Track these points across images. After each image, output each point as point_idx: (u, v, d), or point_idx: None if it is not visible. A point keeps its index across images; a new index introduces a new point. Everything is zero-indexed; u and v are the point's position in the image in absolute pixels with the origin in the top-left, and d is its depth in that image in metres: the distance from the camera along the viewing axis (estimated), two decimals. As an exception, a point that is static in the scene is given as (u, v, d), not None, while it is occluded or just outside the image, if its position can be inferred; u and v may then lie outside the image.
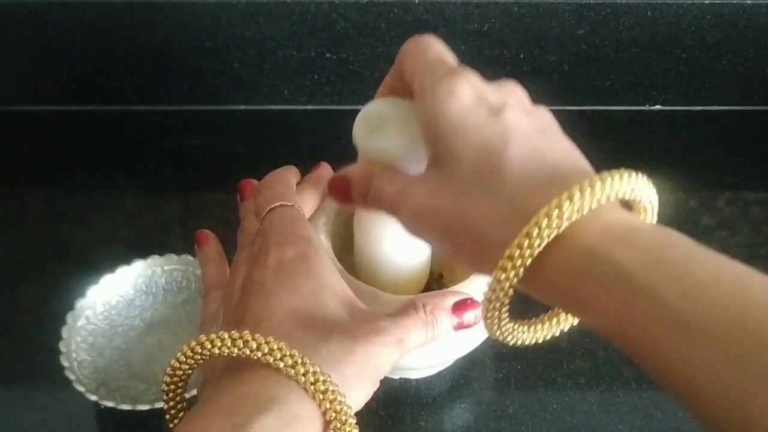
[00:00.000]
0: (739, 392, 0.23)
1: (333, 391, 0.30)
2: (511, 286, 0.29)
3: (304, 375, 0.30)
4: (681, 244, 0.27)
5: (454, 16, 0.68)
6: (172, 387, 0.34)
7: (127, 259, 0.56)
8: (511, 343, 0.33)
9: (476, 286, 0.44)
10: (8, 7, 0.67)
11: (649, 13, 0.69)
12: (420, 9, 0.68)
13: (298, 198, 0.41)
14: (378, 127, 0.37)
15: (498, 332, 0.32)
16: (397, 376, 0.54)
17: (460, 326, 0.36)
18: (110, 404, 0.48)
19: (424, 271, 0.49)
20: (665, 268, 0.25)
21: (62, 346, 0.51)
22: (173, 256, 0.57)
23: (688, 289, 0.25)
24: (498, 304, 0.30)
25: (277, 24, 0.69)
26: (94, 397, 0.48)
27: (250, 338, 0.31)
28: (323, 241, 0.46)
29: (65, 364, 0.50)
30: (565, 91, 0.74)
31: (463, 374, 0.55)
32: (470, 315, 0.36)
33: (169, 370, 0.33)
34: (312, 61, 0.71)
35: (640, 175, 0.29)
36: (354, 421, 0.31)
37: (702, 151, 0.73)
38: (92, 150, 0.72)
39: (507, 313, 0.31)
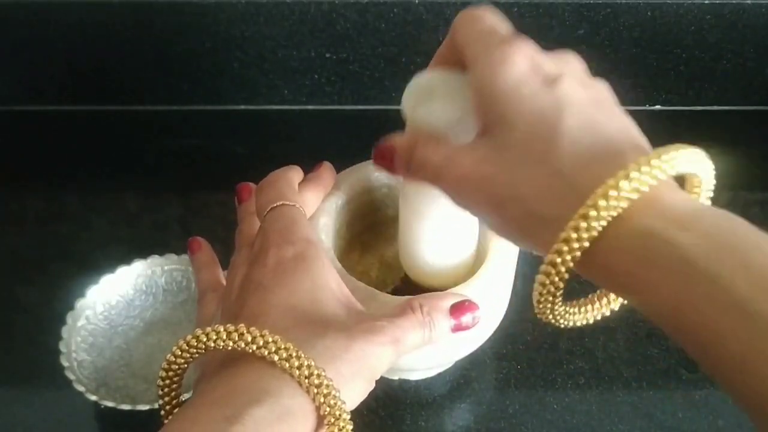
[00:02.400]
0: None
1: (327, 386, 0.30)
2: (567, 270, 0.28)
3: (299, 368, 0.30)
4: (746, 231, 0.26)
5: (454, 16, 0.68)
6: (168, 382, 0.34)
7: (127, 259, 0.56)
8: (562, 326, 0.32)
9: (475, 288, 0.44)
10: (8, 7, 0.67)
11: (649, 13, 0.69)
12: (420, 9, 0.68)
13: (300, 197, 0.41)
14: (426, 97, 0.36)
15: (551, 316, 0.31)
16: (396, 377, 0.54)
17: (457, 328, 0.36)
18: (110, 404, 0.48)
19: (469, 262, 0.47)
20: (731, 255, 0.24)
21: (62, 346, 0.51)
22: (173, 256, 0.57)
23: (757, 278, 0.24)
24: (552, 289, 0.29)
25: (277, 24, 0.69)
26: (94, 397, 0.48)
27: (245, 331, 0.31)
28: (324, 240, 0.46)
29: (65, 364, 0.50)
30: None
31: (463, 374, 0.55)
32: (468, 317, 0.36)
33: (164, 365, 0.33)
34: (312, 61, 0.71)
35: (696, 148, 0.28)
36: (348, 416, 0.31)
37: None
38: (92, 150, 0.72)
39: (560, 298, 0.30)
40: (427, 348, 0.41)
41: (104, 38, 0.70)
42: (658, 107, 0.76)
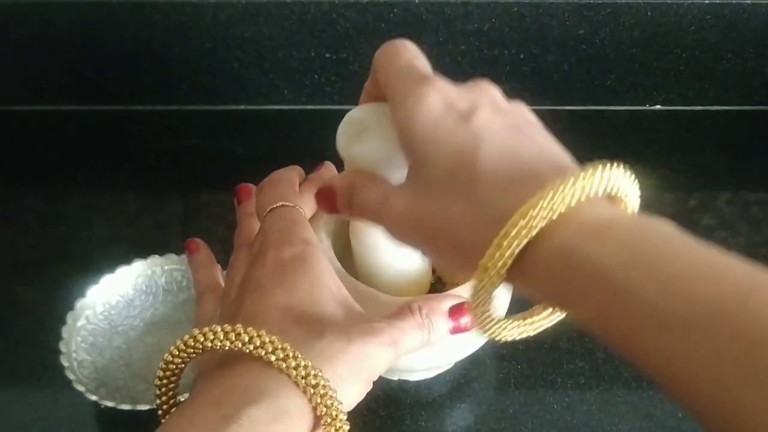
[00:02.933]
0: (719, 386, 0.22)
1: (324, 386, 0.30)
2: (493, 288, 0.29)
3: (295, 369, 0.30)
4: (657, 236, 0.26)
5: (454, 16, 0.68)
6: (165, 381, 0.34)
7: (127, 259, 0.56)
8: (503, 340, 0.33)
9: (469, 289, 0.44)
10: (8, 7, 0.67)
11: (649, 13, 0.69)
12: (420, 9, 0.68)
13: (300, 198, 0.41)
14: (359, 133, 0.37)
15: (490, 331, 0.32)
16: (395, 377, 0.54)
17: (456, 330, 0.36)
18: (110, 404, 0.48)
19: (424, 275, 0.48)
20: (640, 264, 0.25)
21: (62, 346, 0.51)
22: (173, 256, 0.57)
23: (664, 283, 0.24)
24: (483, 306, 0.30)
25: (277, 24, 0.69)
26: (94, 397, 0.48)
27: (242, 331, 0.31)
28: (323, 241, 0.46)
29: (65, 364, 0.50)
30: (566, 91, 0.74)
31: (464, 374, 0.55)
32: (466, 319, 0.36)
33: (162, 364, 0.33)
34: (312, 61, 0.71)
35: (615, 167, 0.28)
36: (345, 417, 0.31)
37: (702, 151, 0.73)
38: (92, 150, 0.72)
39: (491, 314, 0.31)
40: (426, 349, 0.41)
41: (104, 38, 0.70)
42: (658, 107, 0.76)
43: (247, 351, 0.31)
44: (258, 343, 0.30)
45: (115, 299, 0.55)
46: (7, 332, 0.58)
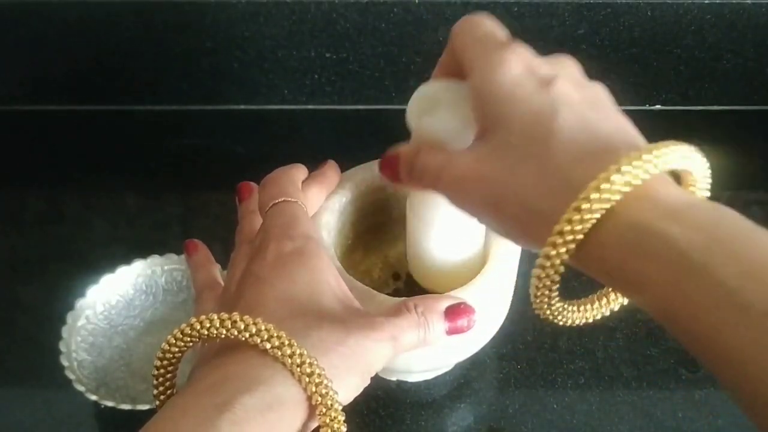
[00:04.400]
0: None
1: (319, 375, 0.30)
2: (561, 262, 0.28)
3: (291, 357, 0.30)
4: (737, 222, 0.26)
5: (454, 16, 0.68)
6: (162, 371, 0.34)
7: (127, 259, 0.56)
8: (560, 323, 0.32)
9: (476, 291, 0.44)
10: (8, 7, 0.67)
11: (649, 13, 0.69)
12: (420, 9, 0.68)
13: (303, 195, 0.41)
14: (431, 107, 0.37)
15: (548, 312, 0.32)
16: (394, 378, 0.54)
17: (452, 331, 0.36)
18: (110, 404, 0.48)
19: (474, 267, 0.47)
20: (722, 247, 0.25)
21: (62, 346, 0.51)
22: (173, 256, 0.57)
23: (747, 269, 0.24)
24: (548, 282, 0.29)
25: (277, 24, 0.69)
26: (94, 397, 0.48)
27: (238, 319, 0.31)
28: (325, 238, 0.46)
29: (65, 363, 0.50)
30: (565, 91, 0.74)
31: (464, 374, 0.55)
32: (463, 320, 0.36)
33: (159, 354, 0.33)
34: (312, 61, 0.71)
35: (690, 146, 0.28)
36: (340, 407, 0.31)
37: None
38: (92, 150, 0.72)
39: (557, 292, 0.30)
40: (424, 350, 0.41)
41: (105, 38, 0.70)
42: (658, 107, 0.76)
43: (243, 339, 0.31)
44: (254, 331, 0.30)
45: (115, 299, 0.55)
46: (7, 332, 0.58)
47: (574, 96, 0.30)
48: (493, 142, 0.31)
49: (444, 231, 0.44)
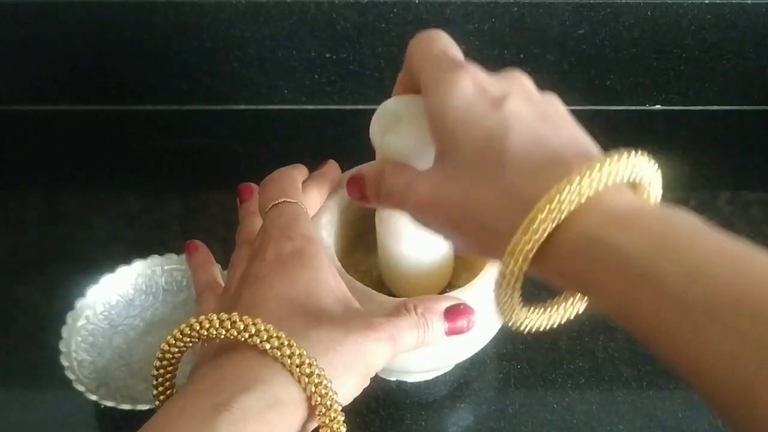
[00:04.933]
0: (741, 371, 0.23)
1: (318, 375, 0.30)
2: (519, 273, 0.29)
3: (290, 357, 0.30)
4: (683, 225, 0.27)
5: (454, 16, 0.68)
6: (162, 371, 0.34)
7: (127, 259, 0.56)
8: (526, 329, 0.33)
9: (473, 292, 0.44)
10: (8, 7, 0.67)
11: (649, 13, 0.69)
12: (420, 9, 0.68)
13: (303, 195, 0.41)
14: (393, 124, 0.37)
15: (513, 318, 0.32)
16: (393, 378, 0.54)
17: (452, 332, 0.36)
18: (110, 404, 0.48)
19: (444, 271, 0.48)
20: (666, 251, 0.25)
21: (62, 346, 0.51)
22: (173, 256, 0.57)
23: (690, 269, 0.25)
24: (509, 291, 0.30)
25: (277, 24, 0.69)
26: (94, 397, 0.48)
27: (237, 319, 0.31)
28: (325, 239, 0.46)
29: (65, 363, 0.50)
30: (565, 91, 0.73)
31: (464, 374, 0.55)
32: (462, 321, 0.36)
33: (159, 354, 0.33)
34: (312, 61, 0.71)
35: (640, 154, 0.29)
36: (340, 407, 0.31)
37: (702, 151, 0.73)
38: (92, 150, 0.72)
39: (519, 300, 0.31)
40: (424, 351, 0.41)
41: (104, 38, 0.70)
42: (658, 107, 0.76)
43: (242, 339, 0.31)
44: (253, 331, 0.30)
45: (115, 299, 0.55)
46: (7, 332, 0.58)
47: (525, 112, 0.31)
48: (449, 166, 0.32)
49: (412, 243, 0.45)
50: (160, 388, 0.35)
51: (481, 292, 0.44)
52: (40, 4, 0.67)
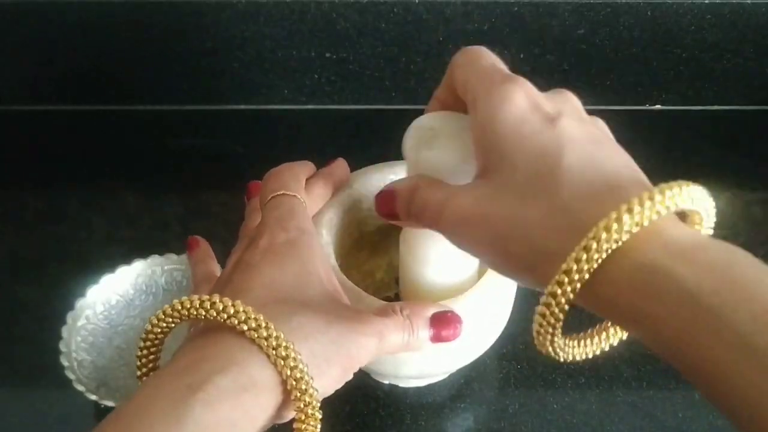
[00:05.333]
0: None
1: (294, 359, 0.30)
2: (567, 302, 0.28)
3: (266, 339, 0.30)
4: (748, 263, 0.25)
5: (454, 16, 0.68)
6: (145, 352, 0.34)
7: (127, 259, 0.56)
8: (561, 360, 0.32)
9: (465, 303, 0.43)
10: (8, 7, 0.67)
11: (649, 13, 0.69)
12: (420, 9, 0.68)
13: (306, 190, 0.41)
14: (429, 139, 0.36)
15: (550, 348, 0.31)
16: (386, 382, 0.54)
17: (437, 338, 0.36)
18: (110, 404, 0.48)
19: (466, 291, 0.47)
20: (733, 289, 0.24)
21: (62, 346, 0.51)
22: (173, 256, 0.57)
23: (759, 313, 0.23)
24: (553, 320, 0.29)
25: (277, 24, 0.69)
26: (94, 397, 0.48)
27: (217, 300, 0.31)
28: (324, 236, 0.46)
29: (65, 363, 0.50)
30: (565, 91, 0.74)
31: (463, 374, 0.55)
32: (449, 329, 0.36)
33: (142, 335, 0.34)
34: (312, 61, 0.71)
35: (697, 185, 0.28)
36: (315, 392, 0.31)
37: (702, 151, 0.73)
38: (92, 150, 0.72)
39: (560, 330, 0.30)
40: (413, 356, 0.40)
41: (104, 38, 0.70)
42: (658, 107, 0.76)
43: (221, 320, 0.31)
44: (231, 312, 0.31)
45: (115, 299, 0.55)
46: (7, 332, 0.58)
47: (579, 133, 0.30)
48: (498, 180, 0.30)
49: (439, 268, 0.43)
50: (144, 369, 0.35)
51: (475, 304, 0.43)
52: (40, 4, 0.67)
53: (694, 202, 0.28)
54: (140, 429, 0.28)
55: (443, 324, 0.36)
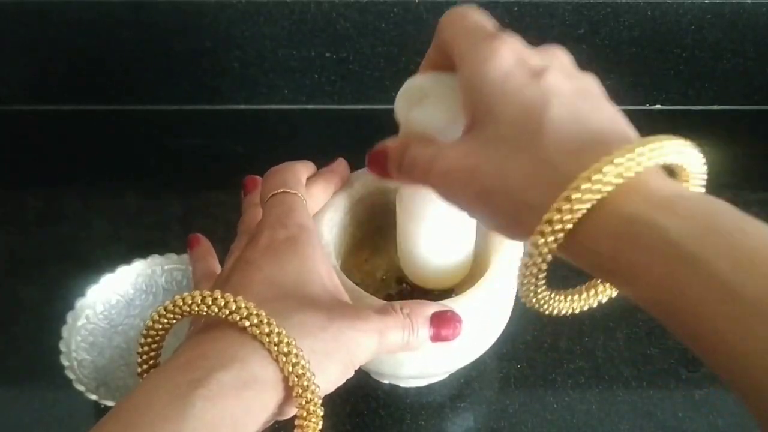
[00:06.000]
0: None
1: (296, 355, 0.30)
2: (549, 251, 0.28)
3: (268, 335, 0.30)
4: (730, 213, 0.26)
5: (454, 16, 0.68)
6: (146, 349, 0.34)
7: (127, 259, 0.56)
8: (546, 312, 0.32)
9: (466, 302, 0.43)
10: (8, 6, 0.67)
11: (649, 13, 0.69)
12: (420, 9, 0.68)
13: (307, 189, 0.42)
14: (419, 100, 0.36)
15: (534, 300, 0.31)
16: (386, 381, 0.54)
17: (436, 338, 0.36)
18: (110, 404, 0.48)
19: (464, 261, 0.47)
20: (716, 237, 0.24)
21: (62, 346, 0.51)
22: (173, 256, 0.57)
23: (741, 259, 0.23)
24: (535, 270, 0.29)
25: (277, 24, 0.69)
26: (94, 397, 0.48)
27: (219, 296, 0.31)
28: (325, 235, 0.46)
29: (65, 363, 0.50)
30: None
31: (464, 374, 0.55)
32: (448, 329, 0.36)
33: (143, 331, 0.34)
34: (312, 61, 0.71)
35: (685, 141, 0.28)
36: (317, 389, 0.31)
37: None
38: (92, 150, 0.72)
39: (544, 281, 0.30)
40: (413, 356, 0.40)
41: (105, 38, 0.70)
42: (658, 107, 0.76)
43: (223, 316, 0.31)
44: (233, 308, 0.31)
45: (115, 299, 0.55)
46: (8, 332, 0.58)
47: (565, 87, 0.30)
48: (484, 135, 0.30)
49: (434, 227, 0.43)
50: (144, 366, 0.35)
51: (475, 304, 0.43)
52: (40, 3, 0.67)
53: (679, 156, 0.28)
54: (141, 424, 0.28)
55: (443, 323, 0.36)
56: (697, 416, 0.53)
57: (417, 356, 0.44)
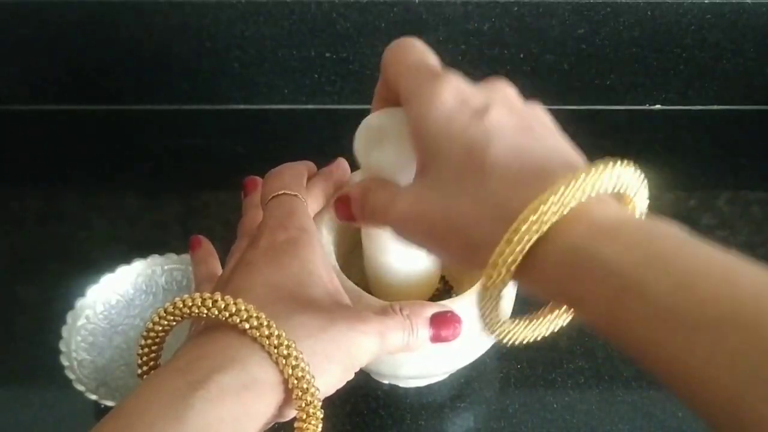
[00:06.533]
0: (731, 389, 0.22)
1: (296, 357, 0.30)
2: (502, 284, 0.29)
3: (268, 338, 0.30)
4: (669, 236, 0.26)
5: (454, 16, 0.68)
6: (146, 350, 0.34)
7: (127, 259, 0.56)
8: (509, 343, 0.32)
9: (463, 303, 0.43)
10: (8, 6, 0.67)
11: (649, 13, 0.69)
12: (420, 9, 0.68)
13: (307, 190, 0.41)
14: (378, 140, 0.37)
15: (497, 332, 0.32)
16: (386, 381, 0.54)
17: (436, 338, 0.36)
18: (110, 404, 0.48)
19: (431, 281, 0.48)
20: (654, 263, 0.25)
21: (62, 346, 0.51)
22: (173, 256, 0.57)
23: (678, 283, 0.24)
24: (492, 303, 0.30)
25: (277, 24, 0.69)
26: (94, 397, 0.48)
27: (219, 299, 0.31)
28: (324, 236, 0.46)
29: (65, 363, 0.50)
30: (565, 91, 0.74)
31: (464, 374, 0.55)
32: (448, 329, 0.36)
33: (144, 332, 0.34)
34: (312, 61, 0.71)
35: (625, 165, 0.28)
36: (317, 391, 0.31)
37: (702, 151, 0.73)
38: (92, 150, 0.72)
39: (500, 314, 0.31)
40: (413, 356, 0.40)
41: (104, 38, 0.70)
42: (658, 107, 0.76)
43: (223, 318, 0.31)
44: (233, 310, 0.31)
45: (115, 299, 0.55)
46: (7, 332, 0.58)
47: (508, 123, 0.30)
48: (430, 178, 0.31)
49: (398, 255, 0.44)
50: (144, 368, 0.35)
51: (475, 304, 0.43)
52: (40, 3, 0.67)
53: (620, 181, 0.28)
54: (140, 426, 0.28)
55: (443, 324, 0.36)
56: (697, 416, 0.53)
57: (417, 357, 0.44)
